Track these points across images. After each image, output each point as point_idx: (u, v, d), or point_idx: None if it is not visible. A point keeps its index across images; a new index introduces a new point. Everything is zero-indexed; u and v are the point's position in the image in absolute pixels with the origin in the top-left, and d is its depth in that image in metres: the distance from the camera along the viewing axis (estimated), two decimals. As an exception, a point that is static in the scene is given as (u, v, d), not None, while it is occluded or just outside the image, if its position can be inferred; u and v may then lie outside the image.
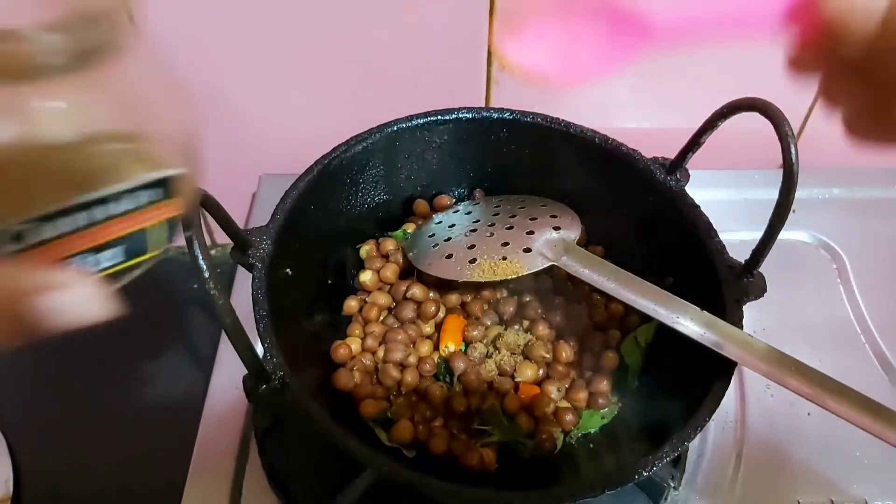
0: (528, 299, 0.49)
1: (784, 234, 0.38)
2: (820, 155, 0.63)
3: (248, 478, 0.45)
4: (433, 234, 0.48)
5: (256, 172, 0.63)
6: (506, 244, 0.44)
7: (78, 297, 0.17)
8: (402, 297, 0.48)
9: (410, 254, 0.48)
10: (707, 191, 0.47)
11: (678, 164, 0.45)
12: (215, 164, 0.26)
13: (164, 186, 0.18)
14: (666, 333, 0.38)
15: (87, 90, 0.16)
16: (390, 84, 0.58)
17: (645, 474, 0.33)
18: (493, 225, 0.46)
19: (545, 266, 0.42)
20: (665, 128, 0.64)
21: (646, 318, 0.42)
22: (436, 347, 0.46)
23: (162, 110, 0.18)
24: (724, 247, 0.42)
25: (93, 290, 0.17)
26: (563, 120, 0.48)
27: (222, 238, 0.62)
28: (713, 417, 0.35)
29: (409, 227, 0.52)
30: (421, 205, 0.52)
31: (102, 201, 0.16)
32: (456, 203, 0.53)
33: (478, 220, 0.47)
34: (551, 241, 0.43)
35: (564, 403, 0.45)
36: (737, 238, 0.46)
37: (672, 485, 0.44)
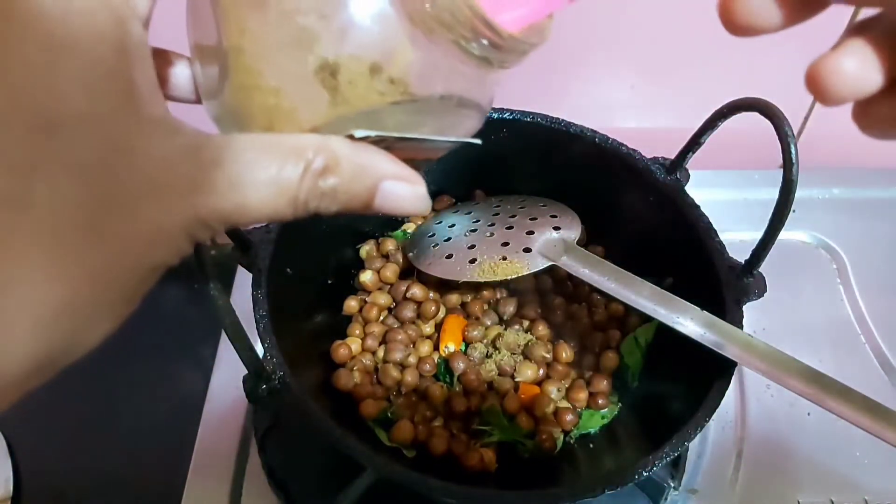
0: (528, 299, 0.49)
1: (784, 235, 0.38)
2: (820, 155, 0.63)
3: (248, 478, 0.45)
4: (433, 234, 0.48)
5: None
6: (506, 244, 0.44)
7: (414, 191, 0.21)
8: (402, 297, 0.48)
9: (410, 254, 0.48)
10: (707, 191, 0.47)
11: (678, 164, 0.44)
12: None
13: (451, 144, 0.24)
14: (666, 333, 0.38)
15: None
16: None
17: (645, 474, 0.33)
18: (493, 225, 0.46)
19: (545, 266, 0.42)
20: (665, 128, 0.64)
21: (646, 318, 0.42)
22: (436, 347, 0.46)
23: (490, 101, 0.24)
24: (724, 247, 0.42)
25: (422, 191, 0.21)
26: (563, 120, 0.48)
27: (222, 238, 0.62)
28: (713, 417, 0.35)
29: (409, 227, 0.52)
30: (421, 205, 0.52)
31: (424, 141, 0.22)
32: (456, 203, 0.53)
33: (478, 220, 0.47)
34: (551, 241, 0.43)
35: (564, 403, 0.45)
36: (737, 238, 0.46)
37: (672, 485, 0.44)
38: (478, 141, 0.24)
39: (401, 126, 0.21)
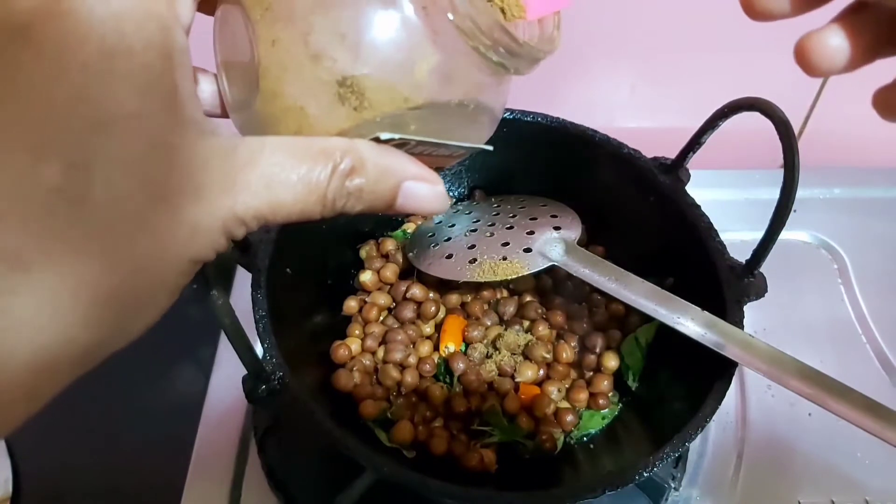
0: (528, 299, 0.49)
1: (785, 234, 0.38)
2: (821, 154, 0.63)
3: (248, 478, 0.45)
4: (433, 234, 0.48)
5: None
6: (506, 244, 0.44)
7: (434, 191, 0.22)
8: (401, 298, 0.48)
9: (410, 254, 0.48)
10: (708, 190, 0.47)
11: (679, 164, 0.44)
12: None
13: (467, 150, 0.25)
14: (667, 334, 0.38)
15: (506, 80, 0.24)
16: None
17: (645, 475, 0.33)
18: (493, 225, 0.46)
19: (545, 266, 0.42)
20: (665, 128, 0.64)
21: (646, 319, 0.42)
22: (436, 348, 0.46)
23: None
24: (724, 247, 0.41)
25: (442, 190, 0.23)
26: (563, 120, 0.47)
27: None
28: (714, 418, 0.35)
29: (409, 227, 0.52)
30: (421, 205, 0.52)
31: (442, 146, 0.23)
32: (456, 203, 0.53)
33: (478, 220, 0.47)
34: (552, 241, 0.43)
35: (565, 404, 0.45)
36: (737, 238, 0.46)
37: (672, 485, 0.44)
38: (490, 147, 0.25)
39: (421, 130, 0.22)
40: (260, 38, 0.21)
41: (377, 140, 0.21)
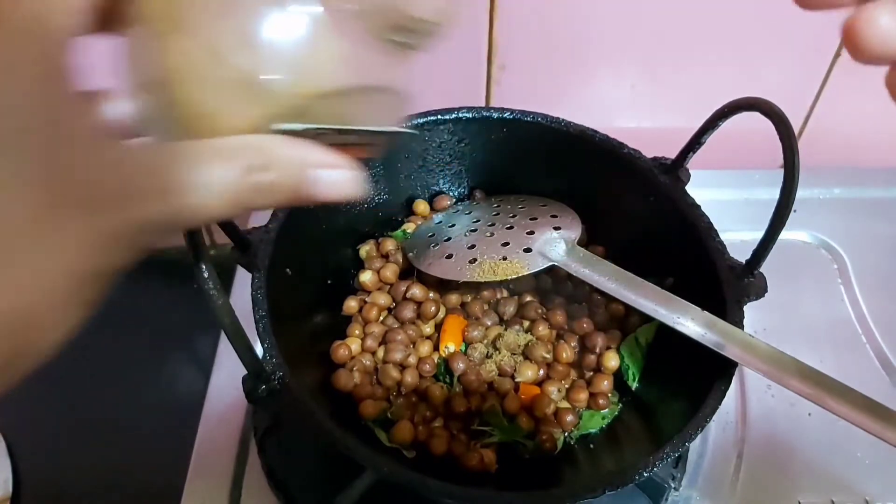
0: (528, 299, 0.49)
1: (785, 234, 0.38)
2: (820, 154, 0.63)
3: (248, 478, 0.45)
4: (433, 234, 0.48)
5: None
6: (506, 244, 0.44)
7: (345, 176, 0.22)
8: (401, 298, 0.48)
9: (410, 254, 0.48)
10: (708, 190, 0.47)
11: (679, 164, 0.44)
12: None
13: (385, 135, 0.25)
14: (667, 334, 0.38)
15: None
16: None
17: (645, 475, 0.33)
18: (493, 225, 0.46)
19: (545, 266, 0.42)
20: (665, 128, 0.64)
21: (646, 319, 0.42)
22: (436, 348, 0.46)
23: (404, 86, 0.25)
24: (724, 247, 0.41)
25: (357, 175, 0.22)
26: (563, 120, 0.47)
27: (222, 238, 0.62)
28: (714, 418, 0.35)
29: (409, 227, 0.52)
30: (421, 205, 0.52)
31: (354, 132, 0.24)
32: (456, 203, 0.53)
33: (478, 220, 0.47)
34: (552, 241, 0.43)
35: (565, 404, 0.45)
36: (737, 238, 0.45)
37: (672, 485, 0.44)
38: (414, 131, 0.26)
39: (329, 118, 0.23)
40: (165, 49, 0.22)
41: (286, 133, 0.21)
